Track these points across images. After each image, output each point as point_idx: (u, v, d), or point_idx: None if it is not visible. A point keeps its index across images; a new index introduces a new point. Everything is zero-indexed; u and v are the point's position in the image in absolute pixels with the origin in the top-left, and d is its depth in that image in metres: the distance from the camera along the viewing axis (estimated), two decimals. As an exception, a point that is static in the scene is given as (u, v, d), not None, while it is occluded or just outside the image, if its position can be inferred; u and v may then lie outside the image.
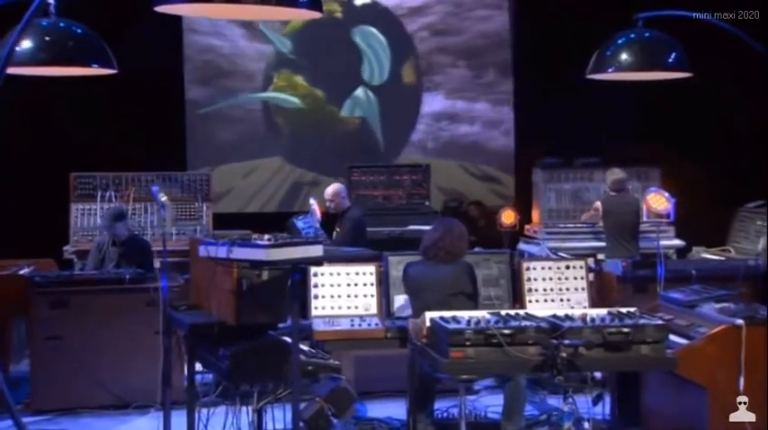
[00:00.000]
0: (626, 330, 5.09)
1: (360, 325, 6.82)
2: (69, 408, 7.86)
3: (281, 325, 6.09)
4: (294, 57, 12.02)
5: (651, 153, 11.10)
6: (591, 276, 9.01)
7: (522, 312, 5.43)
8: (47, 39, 7.06)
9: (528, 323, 5.12)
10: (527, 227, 10.99)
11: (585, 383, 7.57)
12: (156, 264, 8.53)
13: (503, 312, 5.42)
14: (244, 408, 5.98)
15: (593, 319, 5.24)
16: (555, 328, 5.08)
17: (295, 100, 12.08)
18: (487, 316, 5.33)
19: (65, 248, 9.78)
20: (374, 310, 7.03)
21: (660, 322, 5.32)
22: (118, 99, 10.70)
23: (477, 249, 7.96)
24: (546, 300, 7.21)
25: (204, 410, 5.99)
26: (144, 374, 7.42)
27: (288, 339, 6.19)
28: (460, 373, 5.11)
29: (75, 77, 7.73)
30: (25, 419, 7.61)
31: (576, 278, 7.34)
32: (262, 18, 5.87)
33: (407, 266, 6.93)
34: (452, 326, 5.07)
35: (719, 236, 10.04)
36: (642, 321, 5.25)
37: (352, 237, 9.16)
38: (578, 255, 9.92)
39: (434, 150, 12.27)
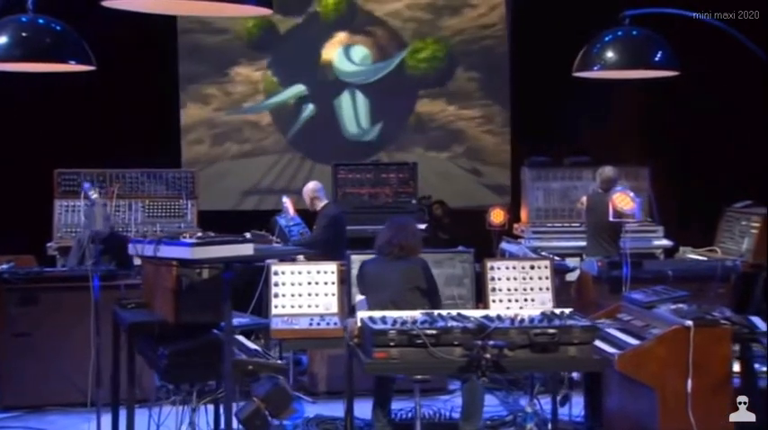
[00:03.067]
0: (552, 331, 5.03)
1: (318, 324, 6.80)
2: (38, 406, 7.90)
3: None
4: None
5: (641, 152, 11.00)
6: (575, 274, 9.05)
7: (454, 312, 5.38)
8: (23, 35, 7.02)
9: (454, 324, 5.08)
10: (515, 226, 10.91)
11: (562, 383, 7.63)
12: (137, 261, 8.56)
13: (435, 312, 5.38)
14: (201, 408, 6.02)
15: (521, 320, 5.19)
16: (481, 329, 5.03)
17: (293, 94, 12.02)
18: (418, 316, 5.28)
19: (48, 245, 9.80)
20: (335, 310, 7.00)
21: (587, 323, 5.26)
22: (111, 94, 10.74)
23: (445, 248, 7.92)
24: (510, 300, 7.15)
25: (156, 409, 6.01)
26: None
27: (240, 338, 6.23)
28: (384, 373, 5.07)
29: (70, 73, 7.67)
30: (-7, 416, 7.75)
31: (540, 278, 7.26)
32: (211, 14, 5.81)
33: (363, 264, 6.92)
34: (377, 326, 5.03)
35: (709, 236, 9.95)
36: (569, 322, 5.19)
37: (326, 235, 9.14)
38: (563, 254, 9.94)
39: (430, 147, 12.18)
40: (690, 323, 5.84)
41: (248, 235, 8.92)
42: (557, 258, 9.03)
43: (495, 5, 12.24)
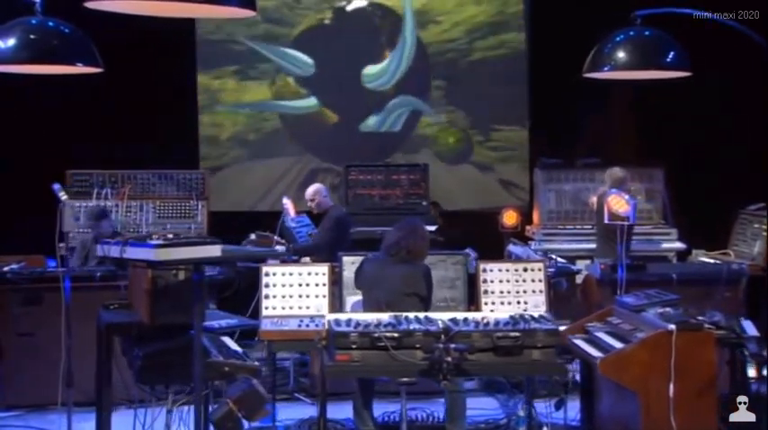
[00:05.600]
0: (514, 334, 4.99)
1: (308, 325, 6.78)
2: (40, 405, 7.96)
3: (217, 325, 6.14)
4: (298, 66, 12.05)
5: (654, 153, 10.88)
6: (581, 277, 8.98)
7: (421, 316, 5.34)
8: (31, 37, 7.09)
9: (416, 327, 5.05)
10: (527, 228, 10.83)
11: (566, 386, 7.60)
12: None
13: (402, 315, 5.35)
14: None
15: (486, 324, 5.15)
16: (443, 332, 5.00)
17: (305, 104, 12.00)
18: (385, 318, 5.26)
19: (60, 245, 9.85)
20: (326, 311, 6.94)
21: (551, 327, 5.21)
22: (130, 96, 10.84)
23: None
24: (503, 303, 7.06)
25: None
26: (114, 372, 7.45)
27: (225, 339, 6.24)
28: (345, 376, 5.06)
29: (87, 74, 7.70)
30: (-4, 414, 7.84)
31: (534, 280, 7.17)
32: (194, 15, 5.84)
33: (364, 261, 6.89)
34: (340, 328, 5.02)
35: (725, 239, 9.85)
36: (533, 326, 5.15)
37: (331, 237, 9.14)
38: (574, 256, 9.87)
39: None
40: (672, 327, 5.77)
41: (253, 236, 9.04)
42: (562, 260, 9.00)
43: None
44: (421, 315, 5.36)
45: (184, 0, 5.51)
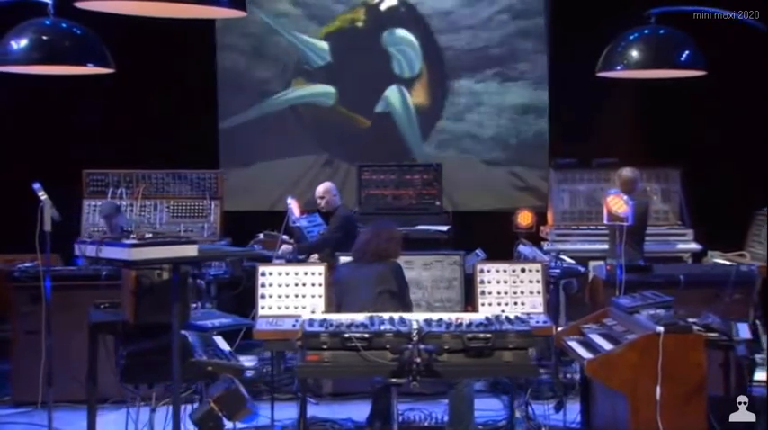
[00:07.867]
0: (484, 336, 4.96)
1: (303, 325, 6.76)
2: (47, 402, 8.03)
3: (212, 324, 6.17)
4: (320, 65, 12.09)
5: (671, 154, 10.78)
6: (590, 277, 8.93)
7: (396, 316, 5.33)
8: (44, 38, 7.14)
9: (387, 327, 5.03)
10: (542, 228, 10.75)
11: (573, 388, 7.57)
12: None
13: (376, 315, 5.34)
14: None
15: (459, 324, 5.12)
16: (416, 333, 4.98)
17: (324, 100, 12.02)
18: (359, 319, 5.25)
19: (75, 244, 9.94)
20: (322, 311, 6.95)
21: (523, 328, 5.17)
22: (148, 96, 10.92)
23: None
24: (499, 304, 7.01)
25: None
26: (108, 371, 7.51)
27: (217, 339, 6.27)
28: (315, 376, 5.06)
29: (102, 74, 7.74)
30: (3, 411, 7.93)
31: (531, 281, 7.11)
32: (184, 16, 5.86)
33: (338, 268, 6.92)
34: (312, 328, 5.02)
35: (741, 240, 9.75)
36: (505, 327, 5.11)
37: (339, 236, 9.16)
38: (587, 257, 9.79)
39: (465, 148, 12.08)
40: (660, 329, 5.72)
41: (261, 235, 9.10)
42: (570, 261, 8.95)
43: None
44: (396, 315, 5.34)
45: (174, 0, 5.53)
